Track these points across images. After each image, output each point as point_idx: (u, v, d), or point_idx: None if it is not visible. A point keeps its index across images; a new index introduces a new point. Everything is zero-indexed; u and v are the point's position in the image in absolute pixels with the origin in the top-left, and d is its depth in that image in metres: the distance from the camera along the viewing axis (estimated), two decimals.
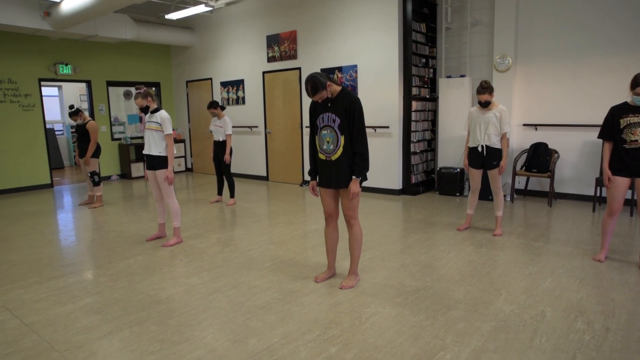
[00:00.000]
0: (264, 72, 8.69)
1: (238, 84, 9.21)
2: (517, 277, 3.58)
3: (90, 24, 7.93)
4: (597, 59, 6.05)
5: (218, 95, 9.67)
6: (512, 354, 2.45)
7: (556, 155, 6.34)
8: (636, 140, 3.57)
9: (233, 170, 9.52)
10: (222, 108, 6.65)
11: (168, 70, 10.62)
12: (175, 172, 10.40)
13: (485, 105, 4.59)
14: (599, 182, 5.68)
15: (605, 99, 6.05)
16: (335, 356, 2.48)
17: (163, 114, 4.44)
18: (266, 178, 9.05)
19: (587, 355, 2.43)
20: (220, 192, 6.96)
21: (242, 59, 9.04)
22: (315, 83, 3.03)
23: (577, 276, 3.58)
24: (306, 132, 8.20)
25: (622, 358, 2.41)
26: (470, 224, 5.08)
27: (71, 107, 6.56)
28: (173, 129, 10.46)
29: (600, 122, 6.12)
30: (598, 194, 5.97)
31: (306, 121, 8.17)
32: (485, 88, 4.53)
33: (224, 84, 9.48)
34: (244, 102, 9.18)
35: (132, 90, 9.93)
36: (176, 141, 10.42)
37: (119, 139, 9.80)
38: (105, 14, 7.34)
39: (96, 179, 6.70)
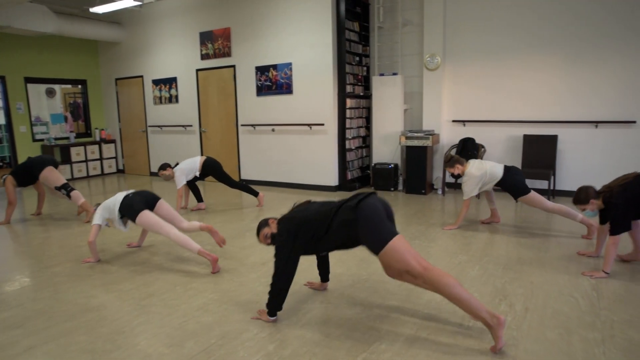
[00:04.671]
0: (197, 70, 8.49)
1: (171, 81, 8.94)
2: (448, 266, 3.76)
3: (1, 13, 7.32)
4: (521, 57, 6.45)
5: (150, 93, 9.33)
6: (443, 340, 2.57)
7: (483, 149, 6.70)
8: None
9: None
10: (173, 166, 6.02)
11: (95, 67, 10.09)
12: (105, 174, 9.93)
13: (456, 177, 4.87)
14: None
15: (528, 97, 6.47)
16: (273, 353, 2.48)
17: None
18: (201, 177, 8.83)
19: (509, 335, 2.60)
20: (255, 193, 6.25)
21: (174, 56, 8.78)
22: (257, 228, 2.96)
23: (502, 263, 3.81)
24: (242, 130, 8.11)
25: (538, 334, 2.61)
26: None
27: None
28: (102, 129, 10.05)
29: (523, 118, 6.55)
30: None
31: (241, 119, 8.08)
32: (446, 162, 4.86)
33: (156, 82, 9.17)
34: (177, 101, 8.93)
35: (56, 88, 9.35)
36: (106, 142, 9.95)
37: (42, 140, 9.19)
38: (21, 3, 6.81)
39: (68, 189, 5.64)
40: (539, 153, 6.31)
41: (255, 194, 6.21)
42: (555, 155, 6.21)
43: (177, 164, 6.09)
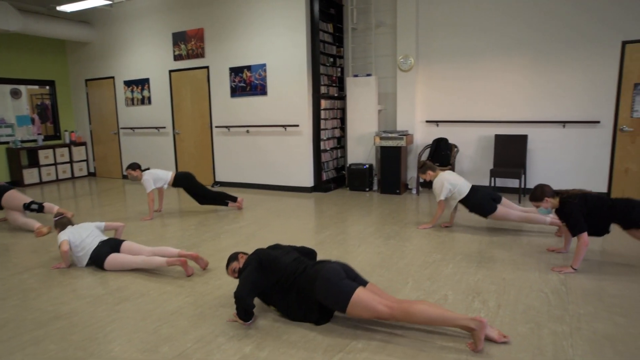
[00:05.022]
0: (170, 71, 8.37)
1: (143, 83, 8.79)
2: (423, 265, 3.81)
3: None
4: (492, 59, 6.58)
5: (121, 94, 9.15)
6: (419, 337, 2.61)
7: (456, 149, 6.82)
8: None
9: None
10: (142, 169, 5.84)
11: (64, 68, 9.84)
12: (76, 177, 9.69)
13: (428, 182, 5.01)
14: (493, 174, 6.18)
15: (499, 97, 6.61)
16: (249, 355, 2.47)
17: None
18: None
19: None
20: (233, 199, 6.09)
21: (146, 56, 8.64)
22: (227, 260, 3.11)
23: (475, 260, 3.88)
24: (216, 132, 8.04)
25: (510, 329, 2.67)
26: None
27: None
28: (72, 131, 9.79)
29: (495, 118, 6.69)
30: (493, 184, 6.52)
31: (216, 121, 8.01)
32: (419, 168, 4.99)
33: (128, 83, 9.00)
34: (150, 102, 8.78)
35: (21, 88, 9.08)
36: (76, 144, 9.71)
37: (7, 143, 8.90)
38: None
39: (38, 202, 5.36)
40: (510, 152, 6.46)
41: (234, 199, 6.07)
42: (525, 155, 6.37)
43: (147, 168, 5.96)
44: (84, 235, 4.00)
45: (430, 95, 7.08)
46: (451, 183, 4.75)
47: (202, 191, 5.89)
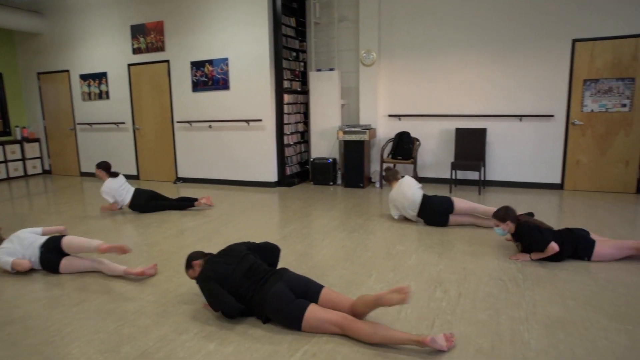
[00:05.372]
0: (129, 65, 8.14)
1: (100, 77, 8.50)
2: (386, 257, 3.87)
3: None
4: (453, 54, 6.72)
5: (78, 88, 8.83)
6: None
7: (418, 143, 6.94)
8: None
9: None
10: (112, 174, 5.63)
11: (12, 60, 9.38)
12: (29, 175, 9.30)
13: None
14: (454, 166, 6.33)
15: (460, 91, 6.76)
16: (214, 352, 2.45)
17: None
18: (137, 177, 8.52)
19: (444, 319, 2.73)
20: (195, 199, 5.86)
21: (103, 49, 8.35)
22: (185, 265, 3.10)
23: (437, 252, 3.98)
24: (177, 127, 7.88)
25: (470, 317, 2.75)
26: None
27: None
28: (24, 127, 9.37)
29: (456, 112, 6.84)
30: (453, 177, 6.68)
31: (177, 116, 7.85)
32: (383, 177, 5.12)
33: (84, 77, 8.69)
34: (108, 97, 8.51)
35: None
36: (29, 140, 9.31)
37: None
38: None
39: None
40: (470, 145, 6.63)
41: (194, 200, 5.85)
42: (484, 148, 6.55)
43: (117, 173, 5.72)
44: (24, 249, 3.73)
45: (393, 89, 7.17)
46: (397, 206, 4.88)
47: (162, 200, 5.79)
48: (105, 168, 5.64)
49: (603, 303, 2.90)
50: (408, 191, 4.80)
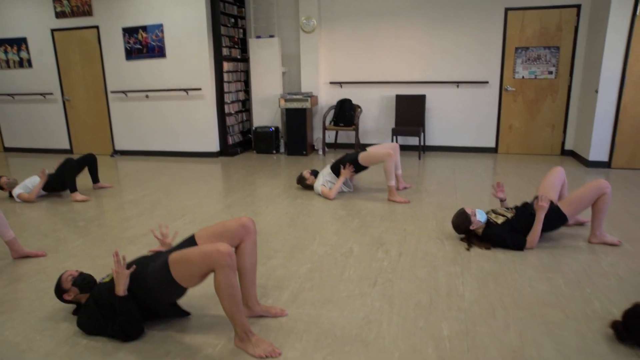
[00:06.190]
0: (53, 30, 7.56)
1: (19, 42, 7.85)
2: (329, 222, 3.94)
3: None
4: (392, 21, 6.77)
5: None
6: (326, 289, 2.73)
7: (359, 110, 7.02)
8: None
9: (28, 144, 8.27)
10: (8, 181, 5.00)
11: None
12: None
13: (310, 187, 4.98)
14: (395, 132, 6.47)
15: (399, 59, 6.85)
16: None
17: None
18: (70, 151, 8.07)
19: (385, 278, 2.85)
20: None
21: (20, 12, 7.68)
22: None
23: (379, 215, 4.10)
24: (112, 98, 7.49)
25: (410, 275, 2.89)
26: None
27: None
28: None
29: (396, 79, 6.95)
30: (395, 142, 6.83)
31: (111, 86, 7.44)
32: (298, 182, 5.06)
33: None
34: (30, 65, 7.90)
35: None
36: None
37: None
38: None
39: None
40: (410, 112, 6.79)
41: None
42: (424, 114, 6.74)
43: (14, 181, 5.04)
44: None
45: (334, 56, 7.15)
46: (322, 181, 4.78)
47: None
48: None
49: (529, 255, 3.13)
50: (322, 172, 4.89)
